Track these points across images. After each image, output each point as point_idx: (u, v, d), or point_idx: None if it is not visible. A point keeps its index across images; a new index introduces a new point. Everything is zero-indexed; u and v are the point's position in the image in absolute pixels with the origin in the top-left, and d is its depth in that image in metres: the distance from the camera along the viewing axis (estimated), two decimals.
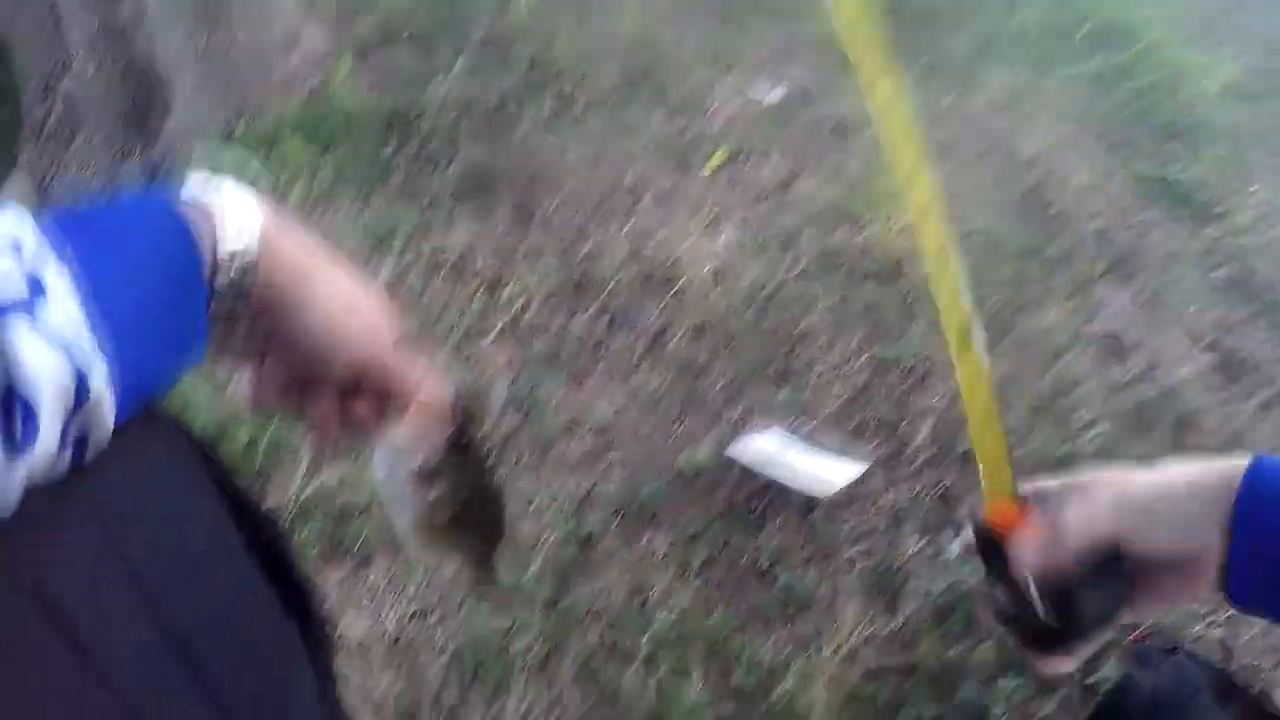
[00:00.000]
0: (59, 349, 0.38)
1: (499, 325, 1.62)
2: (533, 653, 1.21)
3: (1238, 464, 0.55)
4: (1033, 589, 0.59)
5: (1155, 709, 0.71)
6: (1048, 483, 0.65)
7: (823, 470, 1.34)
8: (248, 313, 0.52)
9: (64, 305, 0.39)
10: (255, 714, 0.50)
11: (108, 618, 0.44)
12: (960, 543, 1.39)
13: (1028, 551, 0.60)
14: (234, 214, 0.51)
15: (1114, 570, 0.59)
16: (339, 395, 0.57)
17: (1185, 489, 0.58)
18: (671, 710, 1.17)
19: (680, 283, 1.72)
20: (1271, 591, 0.55)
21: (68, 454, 0.42)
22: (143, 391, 0.45)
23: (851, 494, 1.41)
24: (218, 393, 1.40)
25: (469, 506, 0.64)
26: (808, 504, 1.37)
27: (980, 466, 0.67)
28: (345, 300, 0.55)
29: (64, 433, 0.40)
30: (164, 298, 0.47)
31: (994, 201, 2.05)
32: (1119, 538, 0.58)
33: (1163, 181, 2.23)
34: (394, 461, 0.61)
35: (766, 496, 1.37)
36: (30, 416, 0.38)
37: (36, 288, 0.38)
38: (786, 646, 1.25)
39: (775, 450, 1.37)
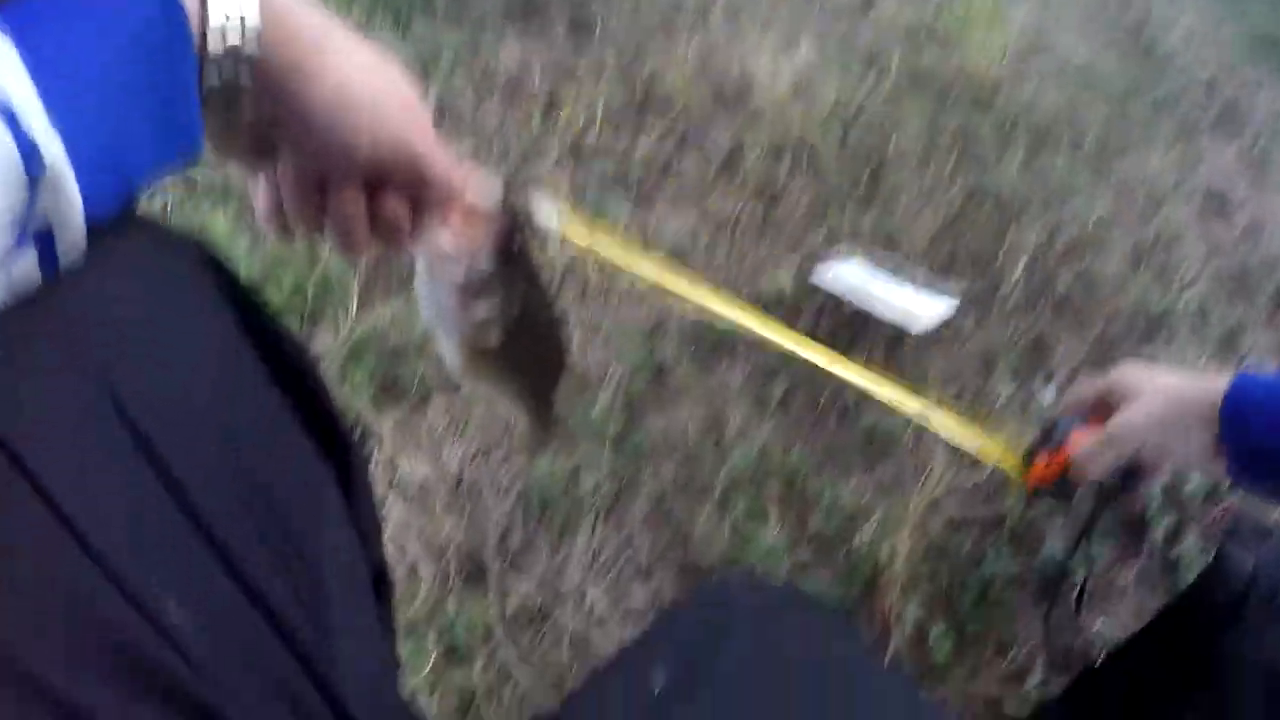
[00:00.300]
0: None
1: (558, 148, 1.49)
2: (601, 492, 1.14)
3: (1220, 386, 0.77)
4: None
5: (1257, 583, 0.86)
6: (1091, 385, 0.89)
7: (912, 303, 1.23)
8: (251, 90, 0.43)
9: (3, 66, 0.33)
10: (271, 566, 0.43)
11: (80, 465, 0.37)
12: (1054, 390, 1.29)
13: (1090, 468, 0.85)
14: None
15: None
16: (366, 193, 0.48)
17: (1187, 409, 0.80)
18: (747, 553, 1.10)
19: (754, 101, 1.56)
20: (1258, 479, 0.79)
21: (30, 253, 0.35)
22: (119, 180, 0.39)
23: (940, 332, 1.30)
24: (257, 242, 1.31)
25: (521, 328, 0.56)
26: (894, 339, 1.27)
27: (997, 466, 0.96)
28: (366, 73, 0.46)
29: (21, 225, 0.34)
30: (138, 64, 0.39)
31: (1094, 36, 1.85)
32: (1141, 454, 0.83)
33: (1274, 41, 2.01)
34: (435, 274, 0.53)
35: (851, 329, 1.27)
36: None
37: None
38: (868, 491, 1.17)
39: (862, 278, 1.25)
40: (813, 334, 1.25)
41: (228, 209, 1.36)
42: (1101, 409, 0.88)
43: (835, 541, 1.14)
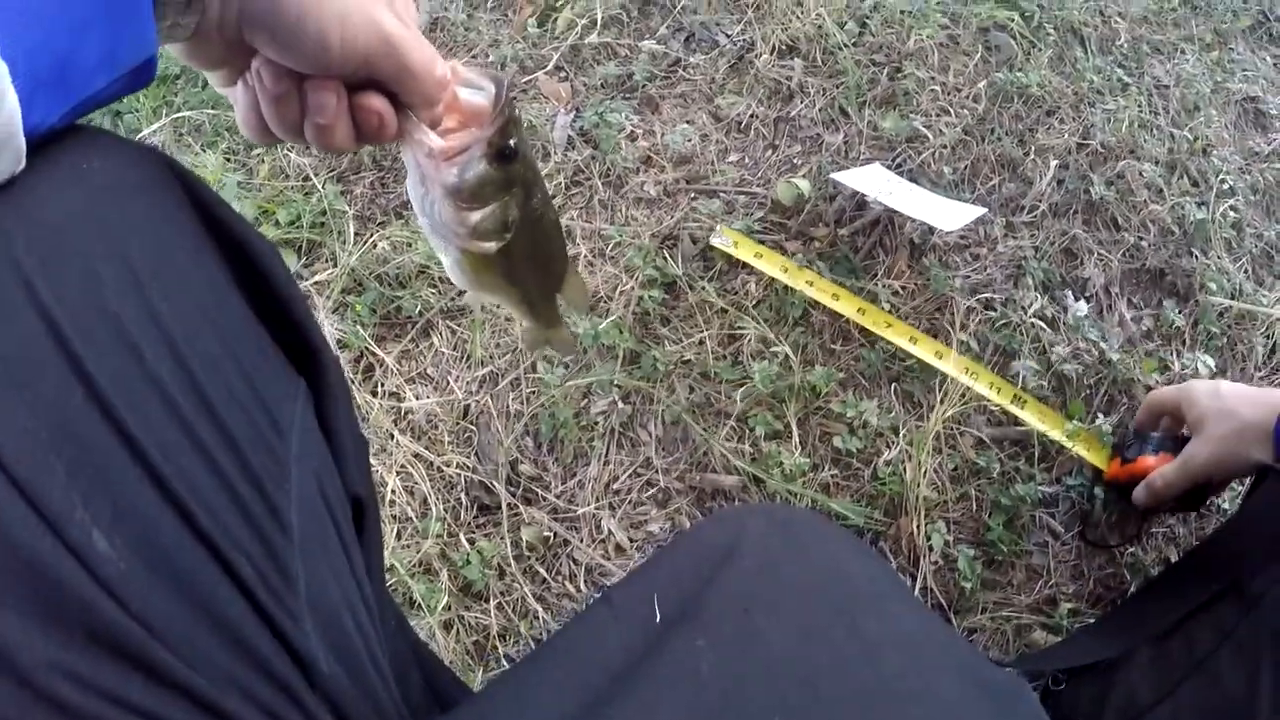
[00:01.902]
0: None
1: (557, 55, 1.39)
2: (615, 413, 1.08)
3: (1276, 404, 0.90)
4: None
5: None
6: (1161, 400, 1.05)
7: (939, 207, 1.15)
8: None
9: None
10: (218, 495, 0.41)
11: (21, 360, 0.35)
12: (1084, 306, 1.22)
13: (1161, 487, 1.00)
14: None
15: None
16: (347, 91, 0.46)
17: (1247, 431, 0.92)
18: (770, 473, 1.05)
19: None
20: None
21: None
22: (63, 92, 0.37)
23: (966, 238, 1.22)
24: (249, 179, 1.25)
25: (520, 234, 0.53)
26: (919, 246, 1.19)
27: (1083, 455, 1.11)
28: None
29: None
30: None
31: None
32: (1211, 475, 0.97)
33: None
34: (426, 178, 0.48)
35: (873, 235, 1.19)
36: None
37: None
38: (894, 408, 1.11)
39: (885, 181, 1.17)
40: (832, 243, 1.18)
41: (217, 150, 1.30)
42: (1172, 419, 1.05)
43: (861, 460, 1.08)
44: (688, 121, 1.29)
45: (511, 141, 0.49)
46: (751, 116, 1.30)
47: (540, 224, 0.54)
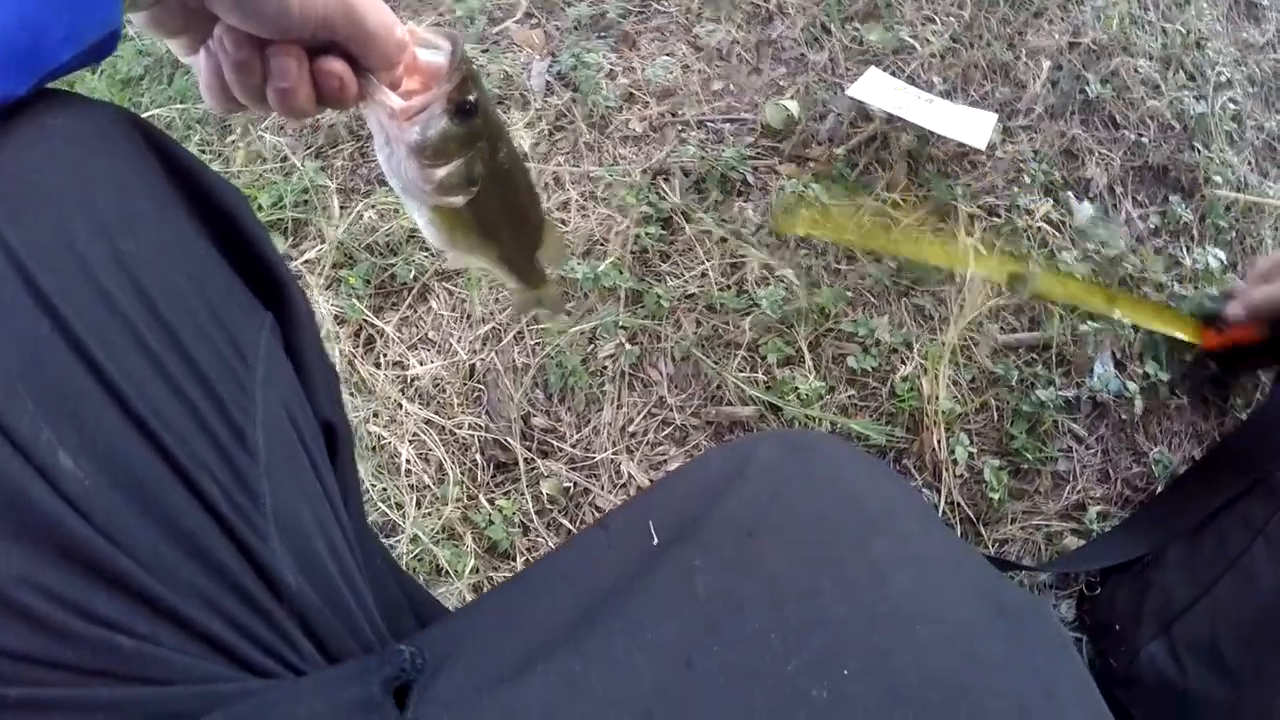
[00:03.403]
0: None
1: (525, 2, 1.35)
2: (623, 355, 1.06)
3: None
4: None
5: None
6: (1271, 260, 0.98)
7: (955, 117, 1.12)
8: None
9: None
10: (184, 420, 0.42)
11: None
12: (1089, 205, 1.19)
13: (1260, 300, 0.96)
14: None
15: None
16: (308, 55, 0.47)
17: None
18: (786, 400, 1.03)
19: None
20: None
21: None
22: (33, 59, 0.39)
23: (963, 145, 1.19)
24: (227, 168, 1.23)
25: (489, 189, 0.54)
26: (915, 156, 1.17)
27: (1174, 335, 1.08)
28: None
29: None
30: None
31: None
32: None
33: None
34: (390, 139, 0.50)
35: (869, 151, 1.16)
36: None
37: None
38: (905, 323, 1.09)
39: (894, 90, 1.14)
40: (828, 160, 1.15)
41: (190, 143, 1.28)
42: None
43: (877, 378, 1.06)
44: (667, 54, 1.26)
45: (470, 96, 0.49)
46: (732, 43, 1.26)
47: (509, 178, 0.55)
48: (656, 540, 0.51)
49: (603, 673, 0.43)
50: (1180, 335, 1.06)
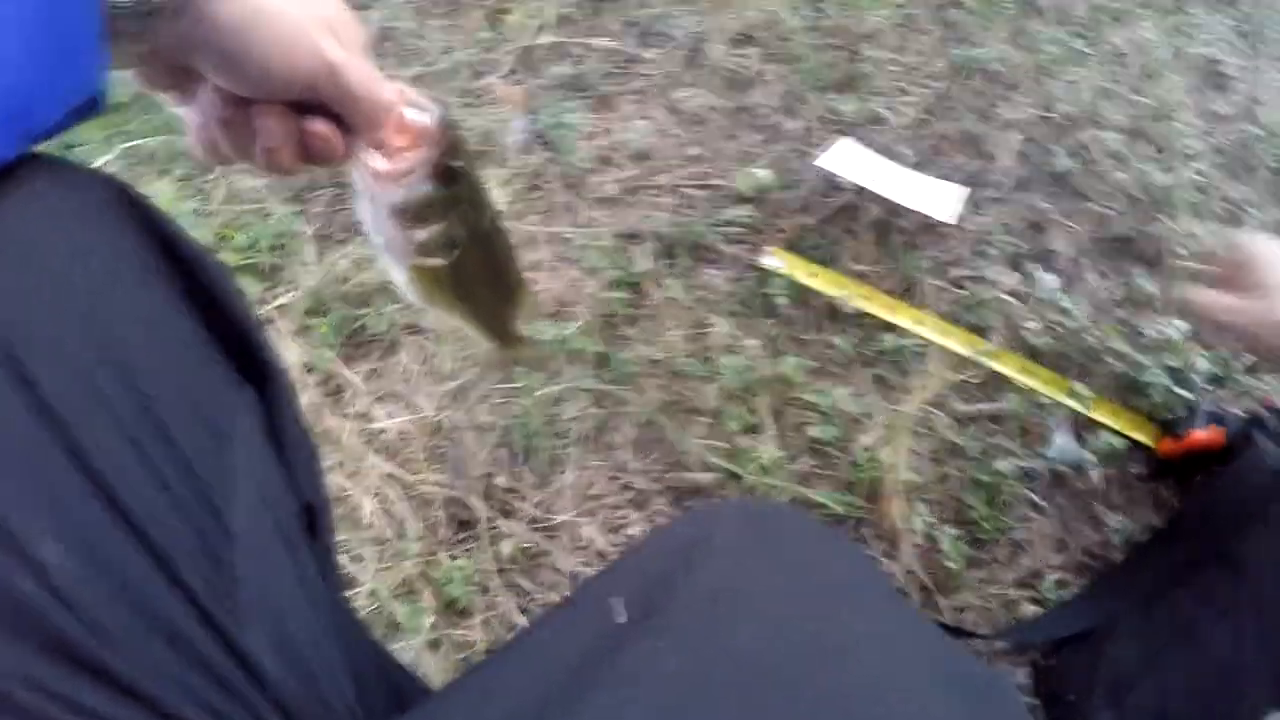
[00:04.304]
0: None
1: (510, 58, 1.37)
2: (588, 419, 1.07)
3: None
4: None
5: None
6: (1224, 258, 0.88)
7: (924, 189, 1.14)
8: (164, 10, 0.42)
9: None
10: (163, 503, 0.42)
11: None
12: (1054, 278, 1.21)
13: (1222, 311, 0.85)
14: None
15: None
16: (295, 114, 0.47)
17: None
18: (747, 469, 1.04)
19: None
20: None
21: None
22: (21, 123, 0.38)
23: (929, 219, 1.22)
24: (205, 206, 1.25)
25: (470, 250, 0.54)
26: (883, 226, 1.19)
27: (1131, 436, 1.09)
28: None
29: None
30: None
31: None
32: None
33: None
34: (374, 199, 0.50)
35: (839, 222, 1.18)
36: None
37: None
38: (868, 393, 1.10)
39: (864, 160, 1.16)
40: (799, 233, 1.17)
41: (171, 176, 1.29)
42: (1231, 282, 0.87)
43: (838, 448, 1.07)
44: (644, 118, 1.28)
45: (455, 163, 0.49)
46: (710, 109, 1.29)
47: (490, 241, 0.55)
48: (624, 618, 0.52)
49: None
50: (1138, 438, 1.08)
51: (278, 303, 1.17)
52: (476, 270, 0.56)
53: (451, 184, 0.50)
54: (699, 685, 0.46)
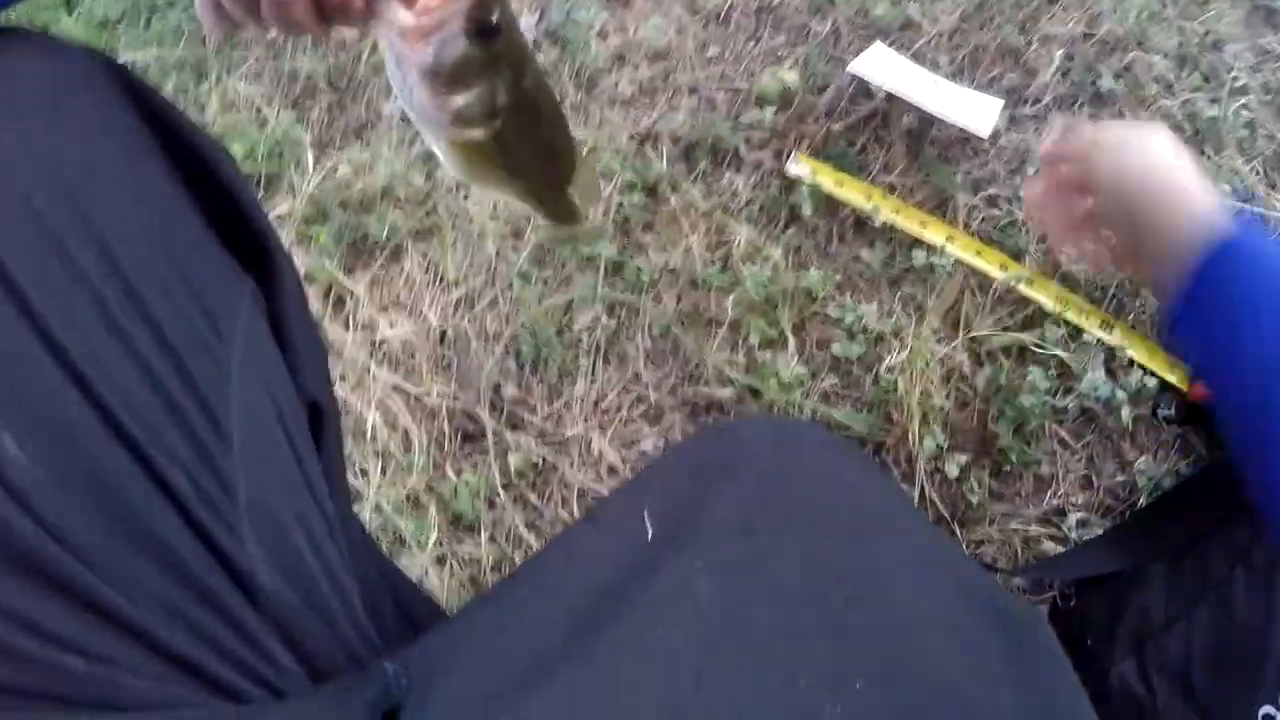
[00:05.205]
0: None
1: None
2: (600, 328, 1.02)
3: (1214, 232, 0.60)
4: None
5: None
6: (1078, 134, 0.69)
7: (960, 100, 1.08)
8: None
9: None
10: (149, 403, 0.38)
11: None
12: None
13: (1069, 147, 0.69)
14: None
15: None
16: None
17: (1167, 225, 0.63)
18: (767, 384, 0.99)
19: None
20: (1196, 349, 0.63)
21: None
22: None
23: (963, 131, 1.15)
24: (200, 115, 1.19)
25: (512, 120, 0.48)
26: (916, 137, 1.12)
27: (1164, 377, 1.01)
28: None
29: None
30: None
31: None
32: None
33: None
34: (402, 61, 0.44)
35: (869, 129, 1.12)
36: None
37: None
38: (895, 311, 1.05)
39: (898, 68, 1.09)
40: (824, 139, 1.10)
41: (167, 85, 1.23)
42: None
43: (862, 366, 1.03)
44: (661, 15, 1.21)
45: (493, 15, 0.43)
46: (732, 7, 1.21)
47: (536, 107, 0.49)
48: (651, 533, 0.48)
49: (610, 690, 0.40)
50: (1169, 379, 1.03)
51: (276, 212, 1.12)
52: (522, 139, 0.50)
53: (489, 40, 0.44)
54: (737, 612, 0.44)
